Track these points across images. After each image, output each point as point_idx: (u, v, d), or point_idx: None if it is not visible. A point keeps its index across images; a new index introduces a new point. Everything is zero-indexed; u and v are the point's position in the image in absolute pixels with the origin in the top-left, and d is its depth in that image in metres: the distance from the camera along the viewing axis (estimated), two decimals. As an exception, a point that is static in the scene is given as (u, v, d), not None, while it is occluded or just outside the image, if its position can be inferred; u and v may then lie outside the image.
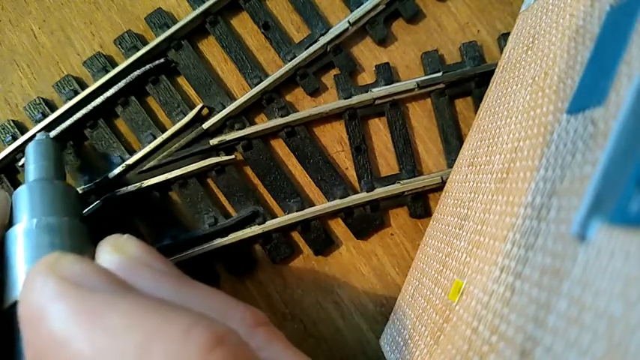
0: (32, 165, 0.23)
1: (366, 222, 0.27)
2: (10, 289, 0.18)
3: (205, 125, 0.27)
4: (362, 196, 0.27)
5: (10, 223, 0.20)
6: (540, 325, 0.12)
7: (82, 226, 0.21)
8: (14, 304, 0.18)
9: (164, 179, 0.26)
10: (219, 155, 0.27)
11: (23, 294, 0.14)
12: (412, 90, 0.27)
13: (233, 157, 0.27)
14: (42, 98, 0.27)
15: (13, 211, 0.20)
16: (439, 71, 0.27)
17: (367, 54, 0.29)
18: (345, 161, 0.28)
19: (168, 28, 0.27)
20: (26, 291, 0.14)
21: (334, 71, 0.28)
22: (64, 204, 0.21)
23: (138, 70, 0.27)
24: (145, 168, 0.26)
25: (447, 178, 0.26)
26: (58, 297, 0.13)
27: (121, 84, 0.26)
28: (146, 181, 0.26)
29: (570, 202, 0.13)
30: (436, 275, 0.22)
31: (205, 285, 0.16)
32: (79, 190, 0.26)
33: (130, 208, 0.26)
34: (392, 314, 0.25)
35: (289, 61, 0.27)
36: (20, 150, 0.26)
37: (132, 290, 0.14)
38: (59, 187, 0.22)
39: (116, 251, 0.16)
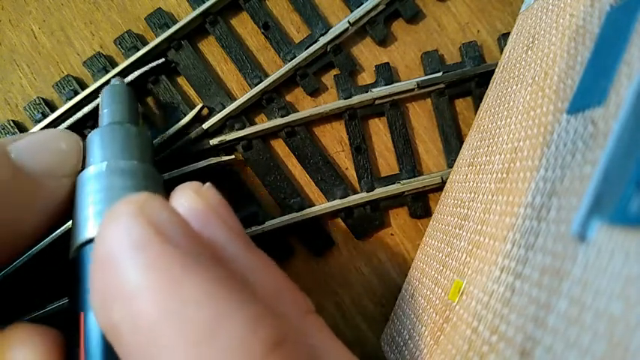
0: (105, 109, 0.22)
1: (366, 222, 0.27)
2: (78, 231, 0.18)
3: (205, 125, 0.27)
4: (362, 196, 0.27)
5: (84, 168, 0.19)
6: (540, 325, 0.12)
7: (155, 171, 0.20)
8: (80, 246, 0.17)
9: (164, 179, 0.26)
10: (219, 155, 0.27)
11: (103, 230, 0.13)
12: (412, 90, 0.27)
13: (233, 157, 0.27)
14: (42, 98, 0.27)
15: (86, 155, 0.20)
16: (439, 71, 0.27)
17: (367, 54, 0.29)
18: (345, 161, 0.28)
19: (168, 28, 0.27)
20: (108, 228, 0.13)
21: (334, 71, 0.28)
22: (136, 148, 0.20)
23: (138, 70, 0.27)
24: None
25: (447, 178, 0.26)
26: (142, 245, 0.12)
27: (121, 84, 0.26)
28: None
29: (570, 202, 0.13)
30: (436, 275, 0.22)
31: (268, 257, 0.16)
32: None
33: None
34: (392, 314, 0.25)
35: (289, 61, 0.27)
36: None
37: (208, 253, 0.13)
38: (132, 131, 0.21)
39: (199, 198, 0.15)
